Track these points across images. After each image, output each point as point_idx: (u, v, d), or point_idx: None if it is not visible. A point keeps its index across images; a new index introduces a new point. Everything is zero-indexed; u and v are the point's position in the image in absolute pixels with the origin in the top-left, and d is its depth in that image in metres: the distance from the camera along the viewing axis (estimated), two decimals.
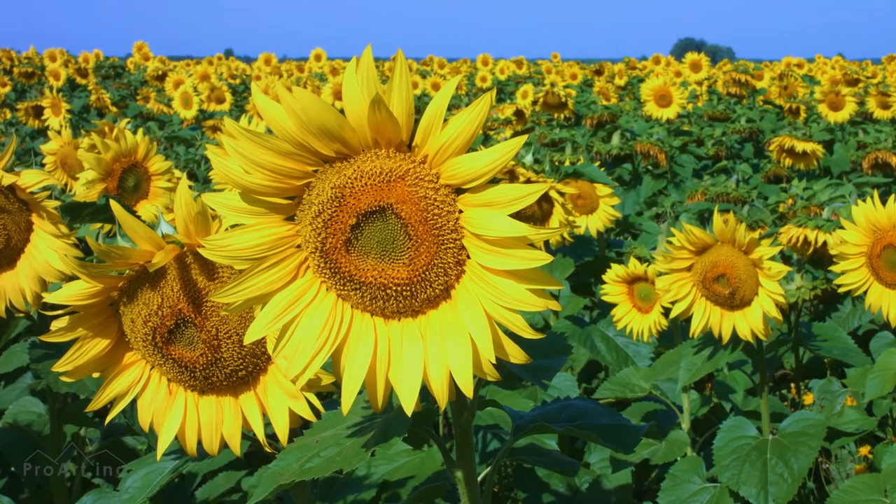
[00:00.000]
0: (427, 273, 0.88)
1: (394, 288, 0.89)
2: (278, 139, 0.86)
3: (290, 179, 0.90)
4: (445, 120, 0.84)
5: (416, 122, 0.86)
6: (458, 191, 0.88)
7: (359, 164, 0.88)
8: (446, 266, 0.88)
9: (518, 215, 0.83)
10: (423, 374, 0.89)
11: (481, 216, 0.85)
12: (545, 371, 1.23)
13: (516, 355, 0.90)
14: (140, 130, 2.50)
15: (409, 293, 0.89)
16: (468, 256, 0.89)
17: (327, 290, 0.93)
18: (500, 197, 0.84)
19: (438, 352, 0.89)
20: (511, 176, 2.43)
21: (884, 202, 2.10)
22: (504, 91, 11.96)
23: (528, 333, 0.87)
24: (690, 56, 10.87)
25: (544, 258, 0.84)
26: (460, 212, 0.88)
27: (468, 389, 0.87)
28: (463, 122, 0.83)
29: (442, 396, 0.88)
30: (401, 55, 0.81)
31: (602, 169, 3.23)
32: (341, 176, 0.88)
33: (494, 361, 0.87)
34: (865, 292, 2.16)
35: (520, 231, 0.83)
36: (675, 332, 2.89)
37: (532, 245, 0.86)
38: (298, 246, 0.93)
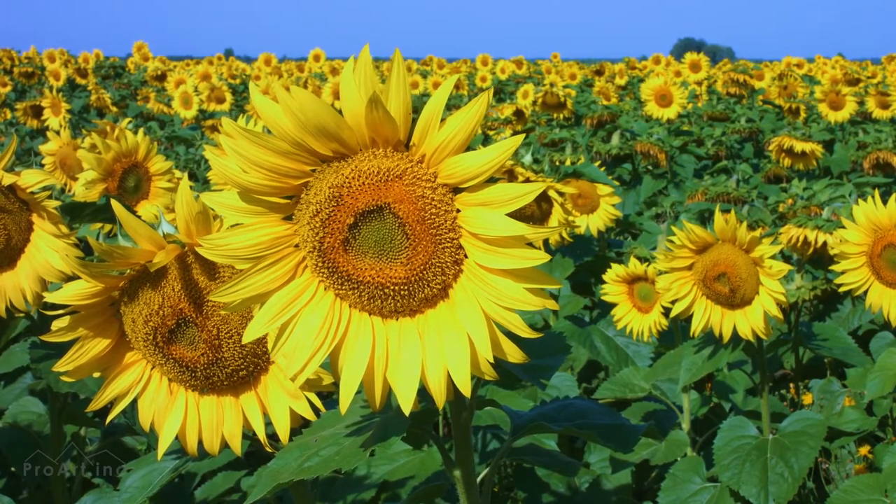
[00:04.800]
0: (425, 272, 0.88)
1: (391, 287, 0.89)
2: (276, 138, 0.86)
3: (288, 179, 0.90)
4: (443, 119, 0.84)
5: (414, 121, 0.86)
6: (456, 190, 0.88)
7: (356, 164, 0.88)
8: (444, 265, 0.89)
9: (518, 215, 0.83)
10: (420, 373, 0.89)
11: (479, 215, 0.86)
12: (543, 370, 1.23)
13: (514, 354, 0.90)
14: (141, 130, 2.50)
15: (406, 292, 0.89)
16: (466, 256, 0.89)
17: (325, 289, 0.93)
18: (497, 196, 0.85)
19: (436, 351, 0.89)
20: (510, 176, 2.43)
21: (884, 202, 2.11)
22: (504, 91, 11.96)
23: (526, 333, 0.87)
24: (690, 56, 10.89)
25: (542, 257, 0.84)
26: (458, 211, 0.88)
27: (466, 389, 0.87)
28: (460, 121, 0.83)
29: (440, 396, 0.88)
30: (398, 55, 0.81)
31: (602, 169, 3.23)
32: (339, 175, 0.88)
33: (492, 361, 0.87)
34: (866, 292, 2.16)
35: (517, 230, 0.83)
36: (676, 331, 2.89)
37: (530, 244, 0.86)
38: (296, 245, 0.93)
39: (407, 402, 0.88)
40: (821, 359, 3.42)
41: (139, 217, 1.09)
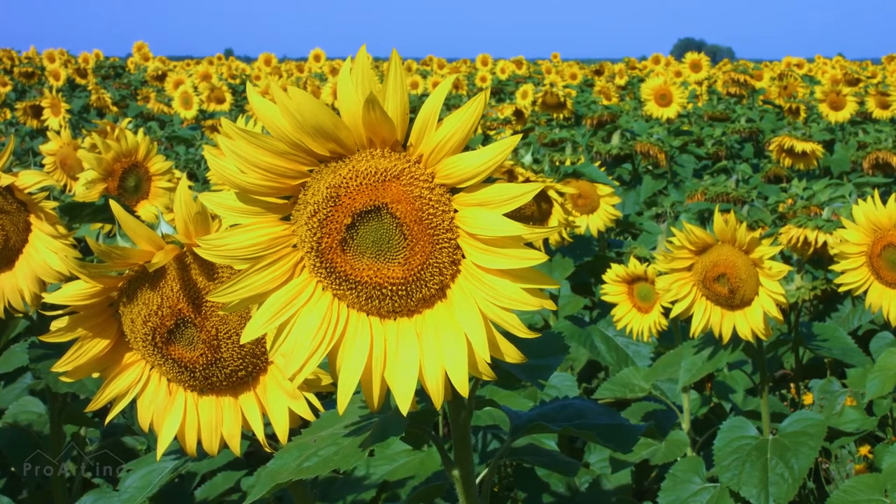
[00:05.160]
0: (422, 272, 0.88)
1: (389, 287, 0.89)
2: (273, 139, 0.86)
3: (286, 179, 0.90)
4: (440, 119, 0.84)
5: (412, 121, 0.86)
6: (454, 190, 0.88)
7: (354, 164, 0.88)
8: (441, 265, 0.88)
9: (518, 215, 0.83)
10: (418, 373, 0.89)
11: (476, 216, 0.85)
12: (541, 370, 1.23)
13: (511, 354, 0.90)
14: (140, 130, 2.50)
15: (404, 293, 0.89)
16: (463, 256, 0.89)
17: (323, 289, 0.93)
18: (494, 196, 0.84)
19: (434, 351, 0.89)
20: (510, 176, 2.43)
21: (884, 202, 2.11)
22: (504, 91, 11.96)
23: (524, 333, 0.87)
24: (690, 56, 10.88)
25: (539, 257, 0.84)
26: (455, 211, 0.88)
27: (463, 389, 0.87)
28: (457, 121, 0.83)
29: (437, 396, 0.88)
30: (395, 55, 0.81)
31: (602, 169, 3.23)
32: (336, 175, 0.88)
33: (490, 361, 0.87)
34: (866, 292, 2.16)
35: (514, 230, 0.83)
36: (676, 332, 2.89)
37: (530, 244, 0.86)
38: (294, 246, 0.93)
39: (405, 403, 0.88)
40: (821, 359, 3.41)
41: (138, 217, 1.09)
